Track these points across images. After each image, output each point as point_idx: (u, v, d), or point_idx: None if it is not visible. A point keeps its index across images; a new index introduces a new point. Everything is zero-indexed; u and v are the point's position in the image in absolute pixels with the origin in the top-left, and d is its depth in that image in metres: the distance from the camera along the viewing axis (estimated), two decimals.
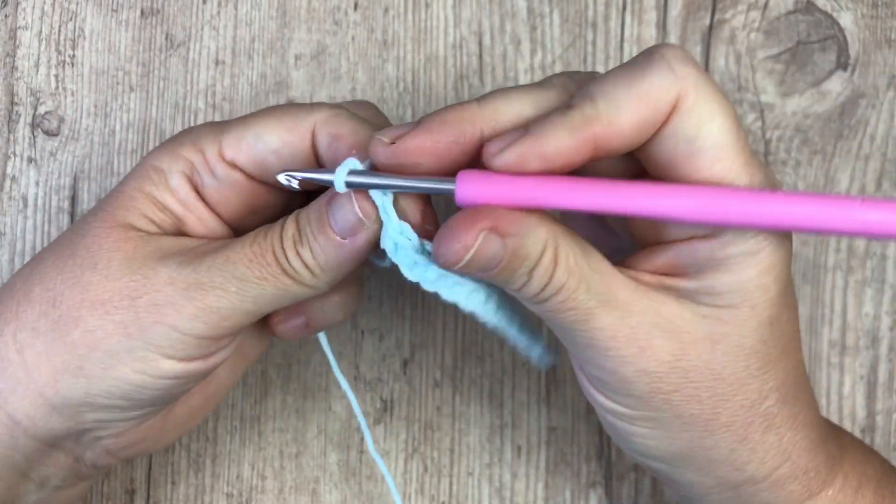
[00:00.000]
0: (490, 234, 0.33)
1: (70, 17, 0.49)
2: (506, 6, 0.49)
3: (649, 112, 0.33)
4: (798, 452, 0.38)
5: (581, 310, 0.35)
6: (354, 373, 0.49)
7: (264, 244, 0.36)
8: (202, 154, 0.38)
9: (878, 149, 0.50)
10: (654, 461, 0.38)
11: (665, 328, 0.35)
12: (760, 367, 0.36)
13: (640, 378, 0.36)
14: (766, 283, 0.35)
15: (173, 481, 0.49)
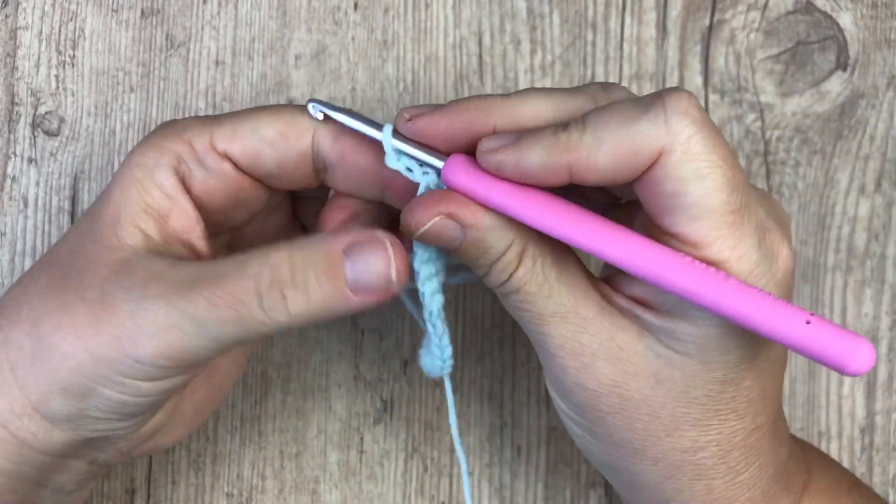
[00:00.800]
0: (446, 219, 0.35)
1: (70, 18, 0.49)
2: (506, 6, 0.49)
3: (628, 157, 0.33)
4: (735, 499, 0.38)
5: (535, 314, 0.36)
6: (354, 373, 0.49)
7: (228, 288, 0.34)
8: (189, 145, 0.38)
9: (878, 149, 0.50)
10: (599, 465, 0.40)
11: (613, 354, 0.36)
12: (701, 418, 0.36)
13: (577, 391, 0.37)
14: (727, 347, 0.35)
15: (173, 481, 0.49)
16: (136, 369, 0.35)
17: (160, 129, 0.39)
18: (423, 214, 0.35)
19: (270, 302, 0.34)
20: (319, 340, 0.50)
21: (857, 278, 0.50)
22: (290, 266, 0.34)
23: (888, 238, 0.50)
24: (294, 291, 0.34)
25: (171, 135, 0.38)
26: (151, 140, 0.38)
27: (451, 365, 0.39)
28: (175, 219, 0.38)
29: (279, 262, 0.34)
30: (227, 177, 0.38)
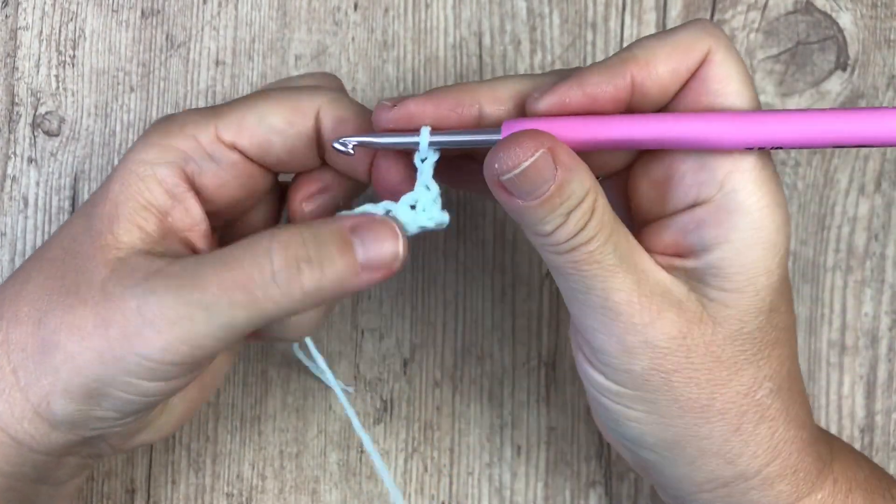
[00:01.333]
0: (547, 154, 0.33)
1: (70, 18, 0.49)
2: (506, 7, 0.49)
3: (682, 58, 0.35)
4: (788, 450, 0.38)
5: (604, 265, 0.35)
6: (354, 372, 0.50)
7: (238, 270, 0.34)
8: (195, 140, 0.37)
9: (878, 149, 0.50)
10: (645, 450, 0.38)
11: (675, 304, 0.36)
12: (756, 353, 0.37)
13: (644, 351, 0.36)
14: (770, 267, 0.36)
15: (173, 481, 0.49)
16: (145, 368, 0.35)
17: (160, 125, 0.38)
18: (529, 144, 0.33)
19: (285, 277, 0.34)
20: (319, 340, 0.50)
21: (856, 278, 0.50)
22: (303, 242, 0.35)
23: (888, 238, 0.50)
24: (310, 266, 0.35)
25: (174, 131, 0.37)
26: (153, 138, 0.38)
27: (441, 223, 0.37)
28: (177, 216, 0.38)
29: (291, 238, 0.35)
30: (237, 167, 0.38)
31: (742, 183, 0.35)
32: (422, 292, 0.50)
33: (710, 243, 0.36)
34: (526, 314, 0.50)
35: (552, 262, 0.36)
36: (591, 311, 0.36)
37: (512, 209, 0.35)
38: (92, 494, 0.49)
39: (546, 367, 0.50)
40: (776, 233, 0.36)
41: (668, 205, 0.37)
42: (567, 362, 0.50)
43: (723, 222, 0.35)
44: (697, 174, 0.36)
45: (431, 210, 0.37)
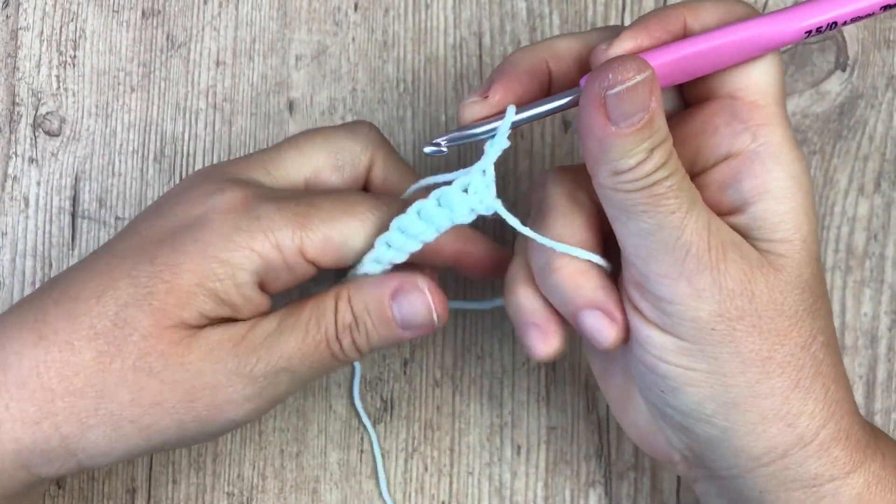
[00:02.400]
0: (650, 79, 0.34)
1: (71, 18, 0.49)
2: (506, 7, 0.49)
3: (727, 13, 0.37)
4: (840, 412, 0.38)
5: (681, 202, 0.35)
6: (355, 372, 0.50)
7: (318, 336, 0.38)
8: (278, 250, 0.38)
9: (877, 149, 0.50)
10: (702, 423, 0.38)
11: (738, 246, 0.36)
12: (813, 302, 0.37)
13: (712, 294, 0.36)
14: (810, 214, 0.37)
15: (174, 480, 0.49)
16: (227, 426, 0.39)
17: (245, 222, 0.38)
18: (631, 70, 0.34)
19: (345, 345, 0.39)
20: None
21: (856, 278, 0.50)
22: (352, 314, 0.39)
23: (887, 238, 0.50)
24: (358, 335, 0.39)
25: (259, 236, 0.37)
26: (238, 239, 0.37)
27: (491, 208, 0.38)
28: (246, 311, 0.39)
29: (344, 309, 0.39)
30: (306, 274, 0.39)
31: (773, 134, 0.37)
32: None
33: (751, 195, 0.37)
34: None
35: (624, 202, 0.36)
36: (660, 252, 0.36)
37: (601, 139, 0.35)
38: (93, 494, 0.49)
39: (546, 367, 0.50)
40: (807, 180, 0.37)
41: (702, 159, 0.38)
42: (567, 362, 0.50)
43: (760, 173, 0.37)
44: (731, 125, 0.37)
45: (483, 194, 0.37)
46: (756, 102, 0.37)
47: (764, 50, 0.37)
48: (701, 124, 0.38)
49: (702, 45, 0.36)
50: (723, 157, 0.37)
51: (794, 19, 0.36)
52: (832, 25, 0.37)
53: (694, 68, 0.37)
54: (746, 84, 0.37)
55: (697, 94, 0.39)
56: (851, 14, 0.36)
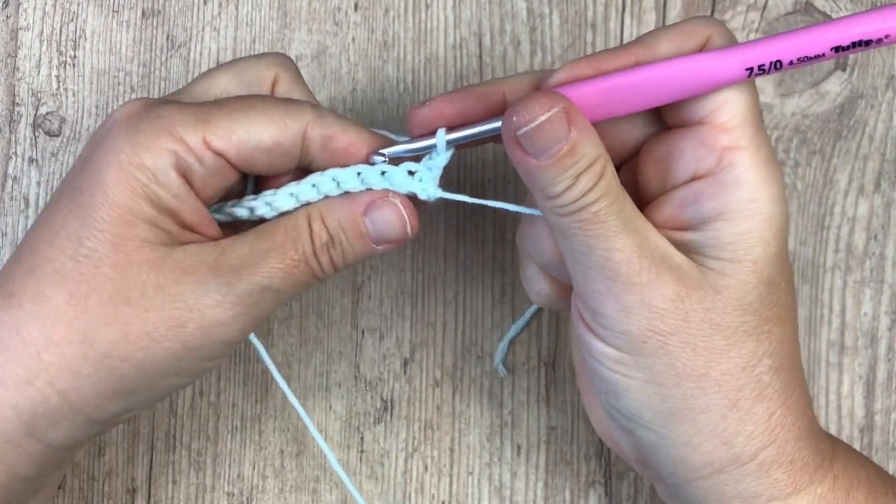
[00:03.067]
0: (562, 113, 0.35)
1: (71, 18, 0.49)
2: (506, 7, 0.49)
3: (684, 42, 0.37)
4: (785, 437, 0.38)
5: (608, 226, 0.36)
6: (355, 372, 0.50)
7: (297, 257, 0.39)
8: (183, 143, 0.38)
9: (877, 149, 0.50)
10: (642, 428, 0.38)
11: (674, 268, 0.37)
12: (756, 325, 0.37)
13: (641, 311, 0.36)
14: (767, 238, 0.37)
15: (174, 480, 0.49)
16: (220, 350, 0.39)
17: (142, 121, 0.38)
18: (545, 102, 0.35)
19: (323, 263, 0.39)
20: (320, 340, 0.50)
21: (856, 278, 0.50)
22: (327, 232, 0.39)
23: (887, 238, 0.50)
24: (335, 252, 0.39)
25: (162, 131, 0.38)
26: (139, 138, 0.37)
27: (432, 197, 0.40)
28: (187, 216, 0.38)
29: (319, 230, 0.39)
30: (221, 173, 0.39)
31: (739, 158, 0.37)
32: (422, 292, 0.50)
33: (708, 215, 0.37)
34: None
35: (558, 224, 0.37)
36: (592, 271, 0.37)
37: (525, 169, 0.36)
38: (93, 494, 0.49)
39: (546, 367, 0.50)
40: (772, 204, 0.37)
41: (669, 180, 0.38)
42: (567, 362, 0.50)
43: (719, 194, 0.37)
44: (696, 150, 0.37)
45: (428, 183, 0.40)
46: (724, 125, 0.37)
47: (708, 87, 0.37)
48: (670, 148, 0.39)
49: (635, 77, 0.37)
50: (688, 178, 0.38)
51: (733, 58, 0.36)
52: (776, 65, 0.36)
53: (636, 100, 0.37)
54: (715, 108, 0.37)
55: (673, 117, 0.39)
56: (797, 55, 0.36)
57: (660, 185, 0.39)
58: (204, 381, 0.49)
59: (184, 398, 0.49)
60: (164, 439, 0.49)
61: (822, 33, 0.36)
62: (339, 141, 0.39)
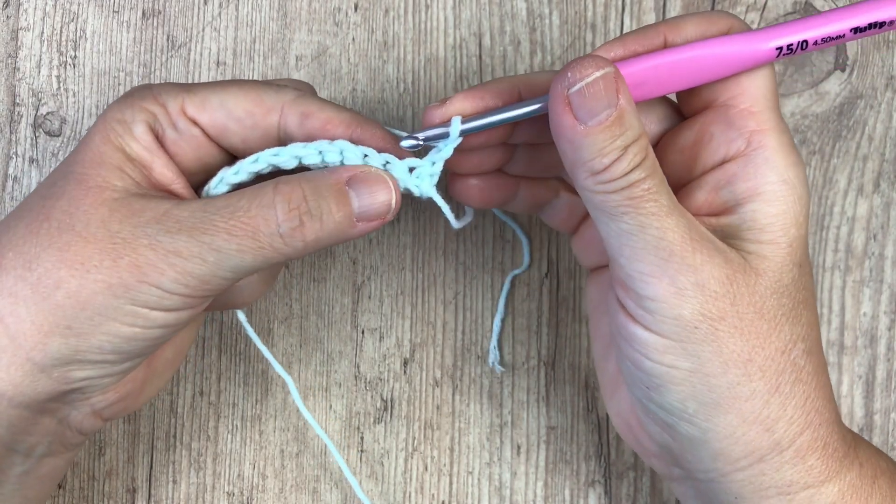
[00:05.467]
0: (612, 76, 0.35)
1: (72, 18, 0.49)
2: (505, 7, 0.50)
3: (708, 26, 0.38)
4: (819, 420, 0.38)
5: (661, 204, 0.36)
6: (355, 372, 0.50)
7: (245, 219, 0.37)
8: (164, 107, 0.39)
9: (877, 149, 0.50)
10: (685, 423, 0.38)
11: (720, 250, 0.37)
12: (792, 308, 0.37)
13: (694, 294, 0.36)
14: (800, 219, 0.38)
15: (174, 480, 0.49)
16: (155, 296, 0.37)
17: (135, 90, 0.40)
18: (591, 66, 0.35)
19: (288, 229, 0.37)
20: (320, 340, 0.50)
21: (855, 278, 0.50)
22: (304, 196, 0.37)
23: (886, 238, 0.50)
24: (311, 219, 0.37)
25: (147, 96, 0.40)
26: (127, 100, 0.40)
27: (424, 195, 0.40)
28: (158, 171, 0.39)
29: (293, 192, 0.37)
30: (196, 141, 0.40)
31: (767, 140, 0.38)
32: (422, 292, 0.50)
33: (743, 196, 0.37)
34: (526, 314, 0.50)
35: (605, 203, 0.36)
36: (643, 252, 0.36)
37: (572, 140, 0.36)
38: (93, 494, 0.49)
39: (546, 366, 0.50)
40: (801, 186, 0.38)
41: (699, 165, 0.39)
42: (567, 362, 0.50)
43: (753, 175, 0.37)
44: (726, 133, 0.38)
45: (424, 181, 0.39)
46: (749, 109, 0.38)
47: (738, 67, 0.38)
48: (698, 133, 0.39)
49: (672, 57, 0.37)
50: (719, 161, 0.38)
51: (765, 38, 0.37)
52: (803, 45, 0.37)
53: (669, 80, 0.38)
54: (739, 92, 0.38)
55: (694, 105, 0.40)
56: (821, 35, 0.37)
57: (686, 173, 0.39)
58: (204, 381, 0.50)
59: (184, 398, 0.50)
60: (165, 439, 0.49)
61: (842, 15, 0.37)
62: (315, 118, 0.39)
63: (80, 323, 0.37)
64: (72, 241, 0.37)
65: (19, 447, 0.39)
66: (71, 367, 0.38)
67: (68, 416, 0.40)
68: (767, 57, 0.37)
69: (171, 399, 0.49)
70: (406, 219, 0.50)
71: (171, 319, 0.38)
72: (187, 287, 0.37)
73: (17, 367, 0.37)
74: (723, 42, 0.37)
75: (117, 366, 0.39)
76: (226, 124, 0.40)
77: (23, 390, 0.38)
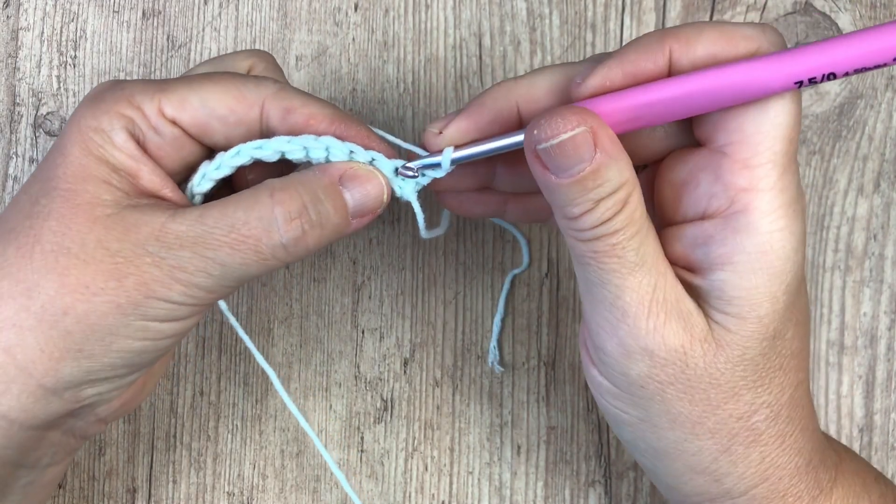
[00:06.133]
0: (588, 134, 0.33)
1: (72, 18, 0.49)
2: (505, 7, 0.50)
3: (725, 46, 0.34)
4: (779, 475, 0.38)
5: (624, 262, 0.35)
6: (355, 372, 0.50)
7: (246, 232, 0.36)
8: (140, 110, 0.38)
9: (877, 149, 0.50)
10: (638, 455, 0.39)
11: (683, 316, 0.35)
12: (756, 379, 0.36)
13: (642, 358, 0.36)
14: (775, 294, 0.35)
15: (174, 480, 0.49)
16: (165, 309, 0.37)
17: (105, 91, 0.38)
18: (562, 125, 0.33)
19: (292, 239, 0.37)
20: (320, 340, 0.50)
21: (855, 278, 0.50)
22: (304, 203, 0.37)
23: (886, 238, 0.50)
24: (312, 227, 0.37)
25: (120, 99, 0.38)
26: (99, 105, 0.38)
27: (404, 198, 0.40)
28: (145, 178, 0.38)
29: (292, 199, 0.37)
30: (178, 142, 0.39)
31: (756, 203, 0.35)
32: (422, 292, 0.50)
33: (715, 262, 0.35)
34: (526, 314, 0.50)
35: (574, 248, 0.36)
36: (600, 306, 0.36)
37: (544, 185, 0.35)
38: (93, 494, 0.49)
39: (546, 366, 0.50)
40: (784, 260, 0.35)
41: (681, 211, 0.37)
42: (567, 362, 0.50)
43: (728, 241, 0.35)
44: (712, 185, 0.36)
45: (408, 187, 0.39)
46: (746, 162, 0.35)
47: (749, 98, 0.34)
48: (688, 174, 0.37)
49: (672, 92, 0.34)
50: (700, 215, 0.36)
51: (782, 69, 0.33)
52: (829, 77, 0.32)
53: (671, 112, 0.35)
54: (739, 139, 0.35)
55: (700, 133, 0.37)
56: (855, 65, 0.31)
57: (673, 212, 0.38)
58: (204, 381, 0.50)
59: (184, 398, 0.50)
60: (165, 439, 0.49)
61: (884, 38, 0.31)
62: (298, 114, 0.38)
63: (92, 345, 0.37)
64: (70, 264, 0.36)
65: (26, 462, 0.39)
66: (82, 387, 0.38)
67: (73, 427, 0.40)
68: (784, 89, 0.33)
69: (171, 399, 0.49)
70: (406, 219, 0.50)
71: (181, 328, 0.38)
72: (194, 298, 0.37)
73: (29, 395, 0.37)
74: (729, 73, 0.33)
75: (126, 378, 0.39)
76: (207, 122, 0.38)
77: (35, 414, 0.37)
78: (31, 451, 0.39)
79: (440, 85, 0.50)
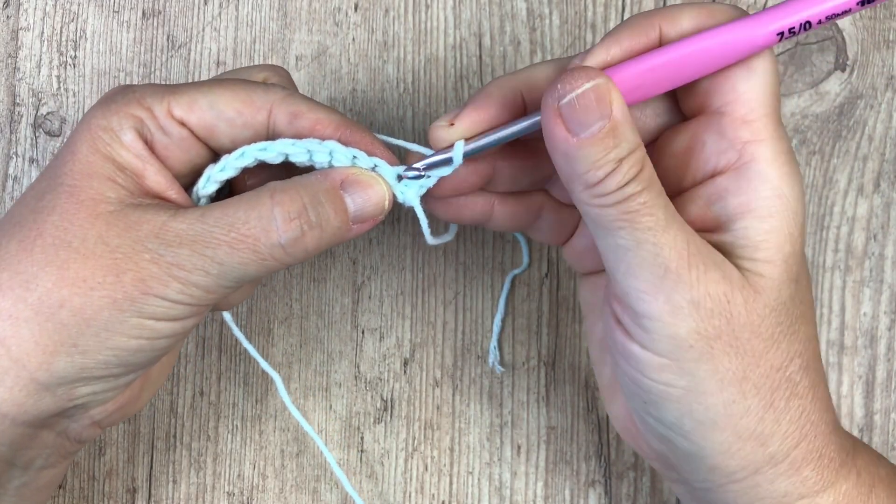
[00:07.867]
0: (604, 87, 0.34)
1: (72, 18, 0.49)
2: (505, 7, 0.50)
3: (707, 19, 0.37)
4: (814, 432, 0.38)
5: (657, 219, 0.35)
6: (355, 372, 0.50)
7: (245, 231, 0.37)
8: (150, 111, 0.38)
9: (877, 149, 0.50)
10: (681, 438, 0.38)
11: (718, 265, 0.36)
12: (789, 325, 0.37)
13: (690, 312, 0.36)
14: (794, 234, 0.36)
15: (174, 480, 0.49)
16: (162, 307, 0.37)
17: (117, 94, 0.39)
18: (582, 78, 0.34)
19: (291, 240, 0.37)
20: (320, 340, 0.50)
21: (855, 278, 0.50)
22: (304, 205, 0.37)
23: (886, 238, 0.50)
24: (311, 228, 0.37)
25: (132, 101, 0.38)
26: (111, 105, 0.38)
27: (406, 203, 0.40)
28: (151, 178, 0.38)
29: (293, 201, 0.37)
30: (185, 143, 0.39)
31: (760, 151, 0.36)
32: (422, 292, 0.50)
33: (735, 213, 0.36)
34: (526, 314, 0.50)
35: (600, 217, 0.36)
36: (639, 268, 0.36)
37: (565, 152, 0.35)
38: (93, 494, 0.49)
39: (546, 366, 0.50)
40: (794, 200, 0.37)
41: (690, 175, 0.38)
42: (567, 362, 0.50)
43: (744, 190, 0.36)
44: (717, 143, 0.37)
45: (411, 191, 0.40)
46: (744, 118, 0.37)
47: (737, 57, 0.36)
48: (690, 140, 0.38)
49: (667, 57, 0.36)
50: (710, 173, 0.37)
51: (764, 23, 0.36)
52: (806, 26, 0.36)
53: (669, 78, 0.37)
54: (734, 98, 0.37)
55: (691, 104, 0.39)
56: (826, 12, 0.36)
57: (680, 181, 0.38)
58: (204, 381, 0.50)
59: (184, 398, 0.50)
60: (165, 439, 0.49)
61: None
62: (305, 118, 0.39)
63: (86, 340, 0.37)
64: (70, 258, 0.37)
65: (18, 461, 0.39)
66: (76, 384, 0.38)
67: (67, 429, 0.40)
68: (767, 42, 0.36)
69: (171, 399, 0.50)
70: (406, 219, 0.50)
71: (178, 328, 0.38)
72: (192, 297, 0.37)
73: (21, 388, 0.37)
74: (718, 33, 0.36)
75: (121, 379, 0.39)
76: (215, 124, 0.39)
77: (26, 409, 0.37)
78: (23, 450, 0.39)
79: (440, 85, 0.50)
